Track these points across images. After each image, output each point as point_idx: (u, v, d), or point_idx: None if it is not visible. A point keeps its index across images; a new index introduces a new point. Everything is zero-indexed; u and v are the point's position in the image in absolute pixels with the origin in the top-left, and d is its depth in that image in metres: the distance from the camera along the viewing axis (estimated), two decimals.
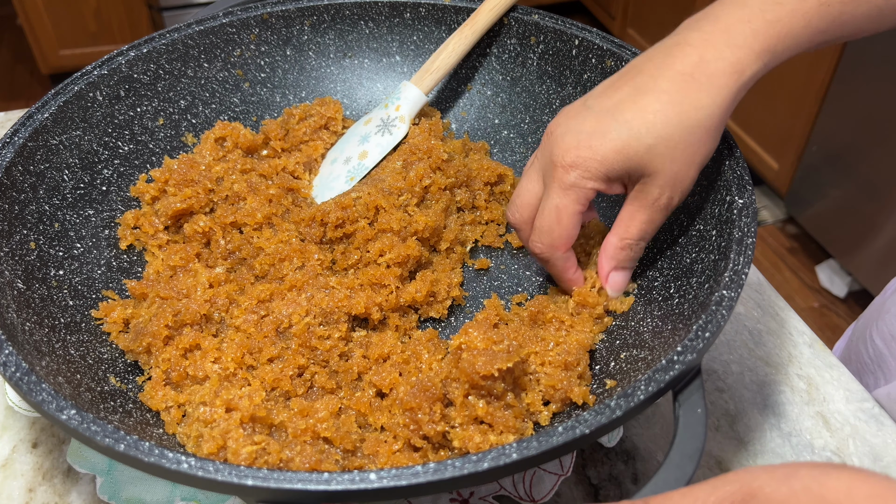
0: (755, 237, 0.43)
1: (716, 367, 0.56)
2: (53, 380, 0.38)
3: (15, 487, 0.47)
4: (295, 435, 0.41)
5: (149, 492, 0.45)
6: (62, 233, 0.51)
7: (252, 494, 0.33)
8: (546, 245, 0.47)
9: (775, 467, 0.27)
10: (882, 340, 0.61)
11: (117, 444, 0.33)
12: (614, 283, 0.49)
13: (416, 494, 0.33)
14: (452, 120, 0.66)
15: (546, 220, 0.46)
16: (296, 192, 0.57)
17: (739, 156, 0.48)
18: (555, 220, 0.46)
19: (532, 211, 0.48)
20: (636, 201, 0.45)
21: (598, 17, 2.67)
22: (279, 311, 0.47)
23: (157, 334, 0.45)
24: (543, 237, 0.47)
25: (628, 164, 0.43)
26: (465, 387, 0.41)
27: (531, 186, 0.48)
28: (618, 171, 0.43)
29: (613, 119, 0.43)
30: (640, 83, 0.43)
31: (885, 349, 0.61)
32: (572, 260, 0.49)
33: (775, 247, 1.92)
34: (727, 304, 0.39)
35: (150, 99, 0.58)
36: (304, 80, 0.65)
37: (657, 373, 0.37)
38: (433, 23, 0.64)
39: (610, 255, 0.47)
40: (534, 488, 0.46)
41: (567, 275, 0.49)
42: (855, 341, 0.67)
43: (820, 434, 0.52)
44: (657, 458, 0.49)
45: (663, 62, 0.43)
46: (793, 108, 1.76)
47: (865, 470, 0.26)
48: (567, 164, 0.44)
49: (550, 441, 0.34)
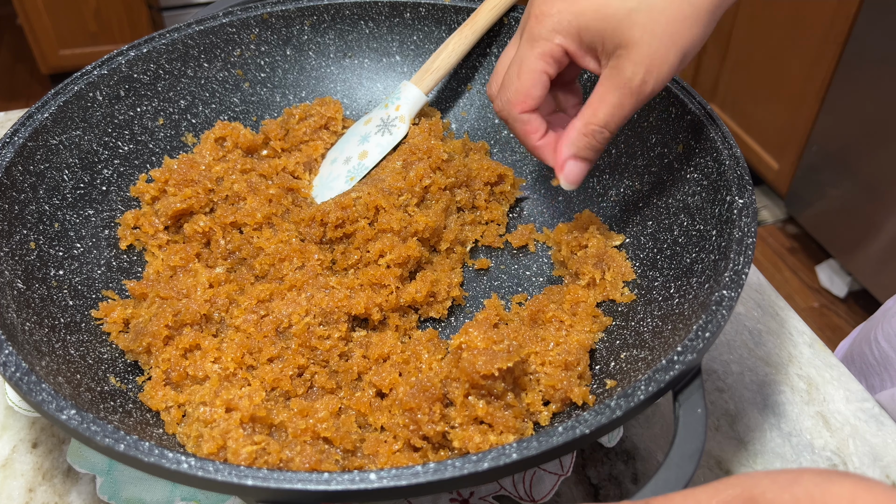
0: (755, 237, 0.43)
1: (716, 367, 0.56)
2: (53, 380, 0.38)
3: (15, 487, 0.47)
4: (295, 435, 0.41)
5: (149, 492, 0.45)
6: (62, 233, 0.51)
7: (252, 494, 0.33)
8: (503, 102, 0.44)
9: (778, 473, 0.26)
10: (888, 342, 0.61)
11: (117, 444, 0.33)
12: (569, 173, 0.45)
13: (416, 494, 0.33)
14: (452, 120, 0.66)
15: (508, 75, 0.44)
16: (296, 192, 0.57)
17: (739, 156, 0.48)
18: (515, 73, 0.43)
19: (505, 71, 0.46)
20: (607, 80, 0.42)
21: None
22: (279, 311, 0.47)
23: (157, 334, 0.45)
24: (502, 93, 0.44)
25: (605, 24, 0.40)
26: (465, 387, 0.41)
27: (508, 52, 0.46)
28: (593, 31, 0.41)
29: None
30: None
31: (890, 351, 0.61)
32: (534, 123, 0.45)
33: (775, 247, 1.92)
34: (727, 304, 0.39)
35: (150, 99, 0.58)
36: (304, 80, 0.65)
37: (657, 373, 0.37)
38: (433, 23, 0.64)
39: (571, 140, 0.44)
40: (534, 488, 0.46)
41: (529, 140, 0.46)
42: (860, 342, 0.67)
43: (820, 434, 0.52)
44: (657, 458, 0.49)
45: None
46: (793, 108, 1.76)
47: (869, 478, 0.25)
48: (541, 13, 0.41)
49: (550, 441, 0.34)
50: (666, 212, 0.52)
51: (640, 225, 0.54)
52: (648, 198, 0.54)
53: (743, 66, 1.88)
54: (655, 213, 0.53)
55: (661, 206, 0.53)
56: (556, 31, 0.41)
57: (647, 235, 0.53)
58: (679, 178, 0.52)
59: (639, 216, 0.55)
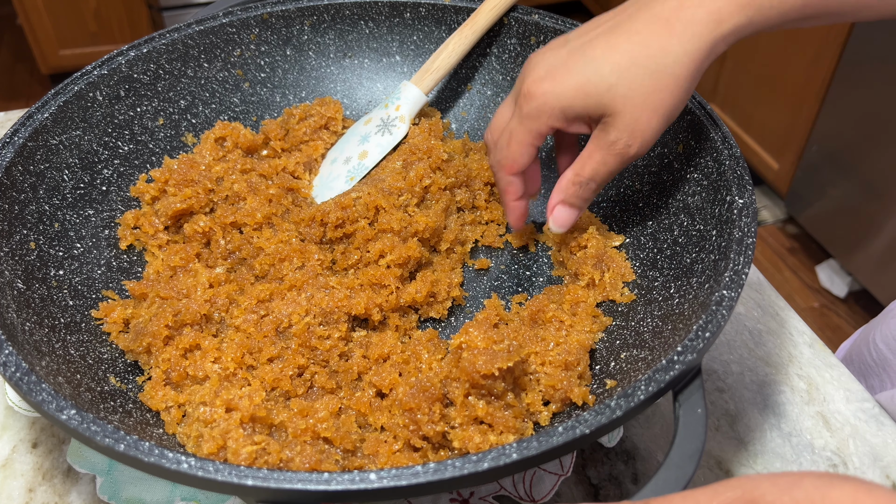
0: (755, 237, 0.43)
1: (716, 367, 0.56)
2: (53, 380, 0.38)
3: (15, 487, 0.47)
4: (295, 435, 0.41)
5: (149, 492, 0.45)
6: (62, 233, 0.51)
7: (252, 494, 0.33)
8: (495, 161, 0.49)
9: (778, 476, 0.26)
10: (885, 344, 0.61)
11: (117, 444, 0.33)
12: (558, 217, 0.49)
13: (416, 494, 0.33)
14: (452, 120, 0.66)
15: (501, 140, 0.48)
16: (296, 192, 0.57)
17: (739, 156, 0.48)
18: (506, 142, 0.48)
19: (499, 133, 0.49)
20: (595, 140, 0.45)
21: None
22: (279, 311, 0.47)
23: (157, 334, 0.45)
24: (495, 153, 0.49)
25: (587, 101, 0.43)
26: (465, 386, 0.41)
27: (504, 110, 0.49)
28: (577, 109, 0.44)
29: (582, 55, 0.43)
30: (618, 22, 0.44)
31: (888, 353, 0.61)
32: (515, 186, 0.50)
33: (775, 247, 1.92)
34: (727, 304, 0.39)
35: (150, 99, 0.58)
36: (304, 80, 0.65)
37: (657, 373, 0.37)
38: (433, 23, 0.64)
39: (561, 188, 0.48)
40: (534, 488, 0.46)
41: (506, 198, 0.51)
42: (858, 344, 0.67)
43: (820, 434, 0.52)
44: (657, 458, 0.49)
45: (646, 4, 0.43)
46: (793, 108, 1.76)
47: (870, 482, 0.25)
48: (529, 93, 0.45)
49: (550, 441, 0.34)
50: (666, 212, 0.52)
51: (640, 225, 0.54)
52: (648, 198, 0.54)
53: (743, 66, 1.88)
54: (655, 213, 0.53)
55: (661, 206, 0.53)
56: (543, 112, 0.45)
57: (647, 235, 0.53)
58: (679, 178, 0.52)
59: (639, 216, 0.55)
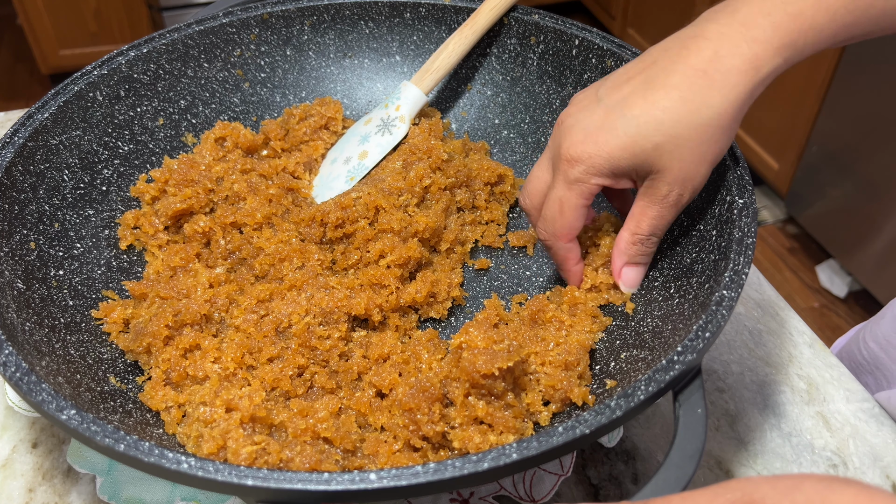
0: (755, 237, 0.43)
1: (716, 367, 0.56)
2: (53, 380, 0.38)
3: (15, 487, 0.47)
4: (295, 435, 0.41)
5: (149, 492, 0.45)
6: (62, 233, 0.51)
7: (252, 494, 0.33)
8: (549, 234, 0.48)
9: (779, 478, 0.26)
10: (877, 345, 0.61)
11: (117, 444, 0.33)
12: (627, 279, 0.49)
13: (416, 494, 0.33)
14: (452, 120, 0.66)
15: (550, 211, 0.47)
16: (296, 192, 0.57)
17: (739, 156, 0.48)
18: (557, 211, 0.46)
19: (540, 198, 0.48)
20: (646, 197, 0.45)
21: (598, 17, 2.67)
22: (279, 311, 0.47)
23: (157, 334, 0.45)
24: (548, 226, 0.48)
25: (635, 161, 0.43)
26: (465, 386, 0.41)
27: (541, 174, 0.48)
28: (624, 167, 0.43)
29: (622, 114, 0.42)
30: (652, 75, 0.42)
31: (881, 353, 0.61)
32: (575, 251, 0.49)
33: (775, 247, 1.92)
34: (727, 304, 0.39)
35: (150, 99, 0.58)
36: (304, 80, 0.65)
37: (657, 373, 0.37)
38: (433, 23, 0.64)
39: (622, 250, 0.48)
40: (534, 488, 0.46)
41: (567, 265, 0.50)
42: (850, 343, 0.67)
43: (820, 434, 0.52)
44: (657, 458, 0.49)
45: (678, 55, 0.42)
46: (793, 108, 1.76)
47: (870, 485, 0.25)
48: (572, 158, 0.44)
49: (550, 441, 0.34)
50: None
51: None
52: None
53: None
54: None
55: None
56: (591, 174, 0.44)
57: None
58: None
59: None
